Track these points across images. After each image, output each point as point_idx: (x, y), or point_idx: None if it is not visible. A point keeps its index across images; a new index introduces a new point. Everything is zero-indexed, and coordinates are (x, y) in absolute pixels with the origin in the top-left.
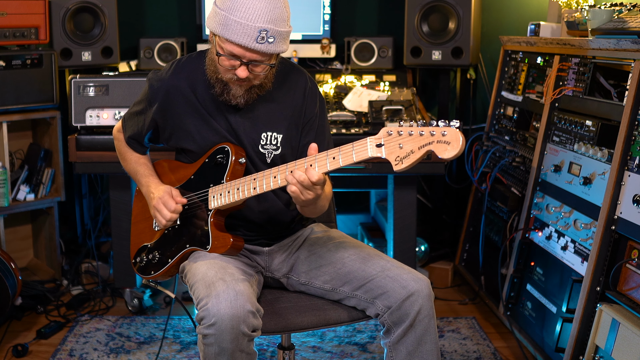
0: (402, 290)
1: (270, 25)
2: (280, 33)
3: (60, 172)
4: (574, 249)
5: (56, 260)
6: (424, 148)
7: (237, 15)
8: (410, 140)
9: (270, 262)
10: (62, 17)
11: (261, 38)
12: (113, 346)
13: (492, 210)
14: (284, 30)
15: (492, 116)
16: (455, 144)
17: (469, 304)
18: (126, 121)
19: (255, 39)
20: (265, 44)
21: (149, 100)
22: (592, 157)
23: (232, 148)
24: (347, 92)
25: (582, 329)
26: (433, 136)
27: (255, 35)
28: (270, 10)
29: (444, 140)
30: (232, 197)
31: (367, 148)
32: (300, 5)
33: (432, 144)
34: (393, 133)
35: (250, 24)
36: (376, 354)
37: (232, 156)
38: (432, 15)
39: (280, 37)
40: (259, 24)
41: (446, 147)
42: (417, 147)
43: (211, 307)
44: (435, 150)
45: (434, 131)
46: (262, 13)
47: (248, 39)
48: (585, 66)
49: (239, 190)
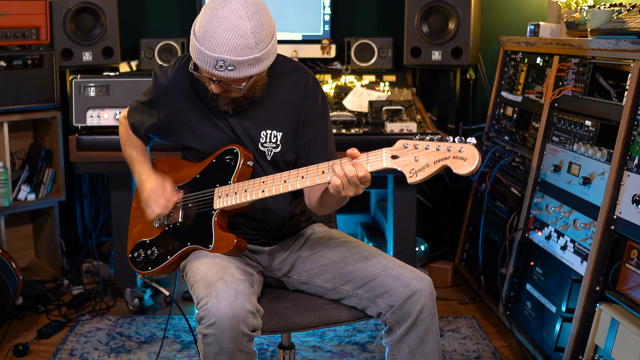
0: (404, 289)
1: (229, 55)
2: (241, 62)
3: (61, 172)
4: (574, 249)
5: (57, 260)
6: (440, 162)
7: (201, 43)
8: (427, 154)
9: (271, 261)
10: (62, 17)
11: (219, 66)
12: (114, 346)
13: (492, 210)
14: (246, 58)
15: (492, 116)
16: (471, 160)
17: (468, 303)
18: (132, 110)
19: (214, 67)
20: (225, 71)
21: (154, 94)
22: (591, 157)
23: (241, 150)
24: (347, 93)
25: (582, 329)
26: (450, 152)
27: (212, 63)
28: (232, 40)
29: (460, 156)
30: (240, 198)
31: (382, 159)
32: (301, 6)
33: (448, 159)
34: (409, 146)
35: (209, 54)
36: (376, 353)
37: (241, 158)
38: (432, 15)
39: (242, 65)
40: (216, 54)
41: (462, 163)
42: (433, 161)
43: (211, 306)
44: (451, 165)
45: (451, 147)
46: (222, 44)
47: (208, 66)
48: (585, 66)
49: (247, 192)
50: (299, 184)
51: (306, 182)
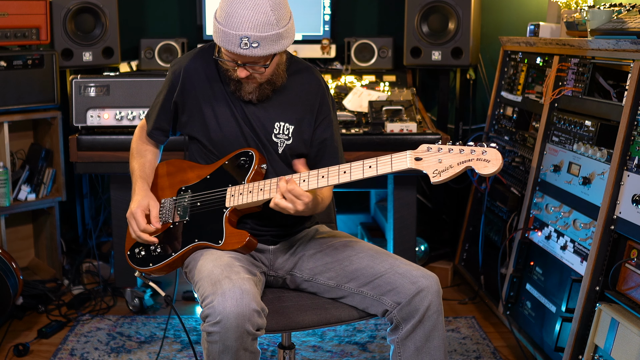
0: (411, 286)
1: (252, 32)
2: (264, 37)
3: (61, 172)
4: (574, 249)
5: (57, 259)
6: (464, 164)
7: (224, 25)
8: (450, 156)
9: (274, 260)
10: (63, 17)
11: (244, 44)
12: (114, 345)
13: (492, 210)
14: (269, 34)
15: (492, 116)
16: (495, 162)
17: (468, 303)
18: (149, 115)
19: (239, 45)
20: (250, 48)
21: (171, 83)
22: (591, 157)
23: (256, 154)
24: (347, 93)
25: (582, 329)
26: (473, 154)
27: (237, 42)
28: (254, 17)
29: (484, 158)
30: (255, 196)
31: (405, 160)
32: (301, 6)
33: (472, 160)
34: (432, 149)
35: (233, 32)
36: (376, 353)
37: (256, 161)
38: (432, 15)
39: (266, 41)
40: (240, 32)
41: (486, 164)
42: (457, 163)
43: (217, 304)
44: (475, 166)
45: (475, 150)
46: (244, 21)
47: (232, 45)
48: (585, 66)
49: (262, 191)
50: (319, 183)
51: (327, 181)
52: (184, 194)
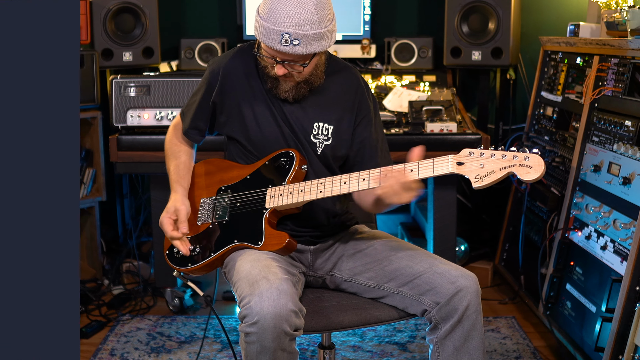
0: (450, 285)
1: (294, 29)
2: (306, 36)
3: (101, 172)
4: (614, 249)
5: (97, 260)
6: (506, 169)
7: (267, 21)
8: (492, 161)
9: (314, 260)
10: (103, 17)
11: (285, 41)
12: (154, 345)
13: (532, 210)
14: (310, 32)
15: (532, 116)
16: (537, 168)
17: (508, 303)
18: (184, 113)
19: (279, 42)
20: (290, 46)
21: (209, 82)
22: (631, 157)
23: (297, 154)
24: (387, 93)
25: (622, 328)
26: (515, 160)
27: (278, 38)
28: (296, 14)
29: (526, 164)
30: (295, 198)
31: (447, 164)
32: (341, 6)
33: (514, 166)
34: (475, 154)
35: (275, 28)
36: (416, 353)
37: (297, 162)
38: (472, 15)
39: (307, 39)
40: (282, 28)
41: (528, 170)
42: (499, 168)
43: (254, 305)
44: (517, 172)
45: (517, 156)
46: (287, 18)
47: (273, 41)
48: (625, 66)
49: (303, 192)
50: (360, 186)
51: (368, 183)
52: (224, 193)
